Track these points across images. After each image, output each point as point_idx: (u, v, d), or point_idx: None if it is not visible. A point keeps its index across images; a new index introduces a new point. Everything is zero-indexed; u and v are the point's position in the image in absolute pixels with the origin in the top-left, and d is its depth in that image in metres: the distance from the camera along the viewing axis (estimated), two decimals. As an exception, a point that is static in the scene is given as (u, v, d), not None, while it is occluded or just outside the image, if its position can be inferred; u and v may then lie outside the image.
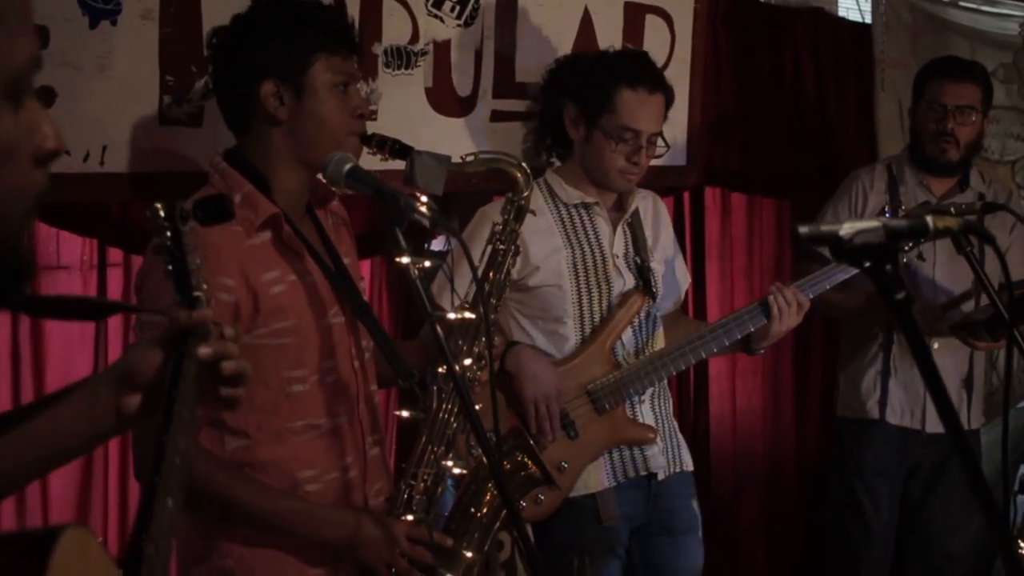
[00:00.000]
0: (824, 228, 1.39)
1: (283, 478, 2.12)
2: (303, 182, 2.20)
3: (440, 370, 2.22)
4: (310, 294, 2.16)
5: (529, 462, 2.56)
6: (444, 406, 2.23)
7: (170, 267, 1.52)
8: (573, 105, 2.86)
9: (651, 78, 2.82)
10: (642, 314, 2.92)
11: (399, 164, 2.25)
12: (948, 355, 3.49)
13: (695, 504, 3.04)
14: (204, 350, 1.47)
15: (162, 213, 1.52)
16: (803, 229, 1.39)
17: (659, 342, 2.97)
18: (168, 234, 1.52)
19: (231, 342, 1.52)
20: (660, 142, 2.85)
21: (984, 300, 3.46)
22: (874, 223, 1.39)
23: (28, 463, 1.44)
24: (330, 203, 2.32)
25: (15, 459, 1.42)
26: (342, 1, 2.67)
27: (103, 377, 1.48)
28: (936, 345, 3.49)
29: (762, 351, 3.01)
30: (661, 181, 3.49)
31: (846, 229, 1.38)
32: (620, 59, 2.91)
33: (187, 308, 1.49)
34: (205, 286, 1.53)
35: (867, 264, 1.39)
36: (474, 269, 2.10)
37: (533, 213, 2.43)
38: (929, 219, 1.41)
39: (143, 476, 1.89)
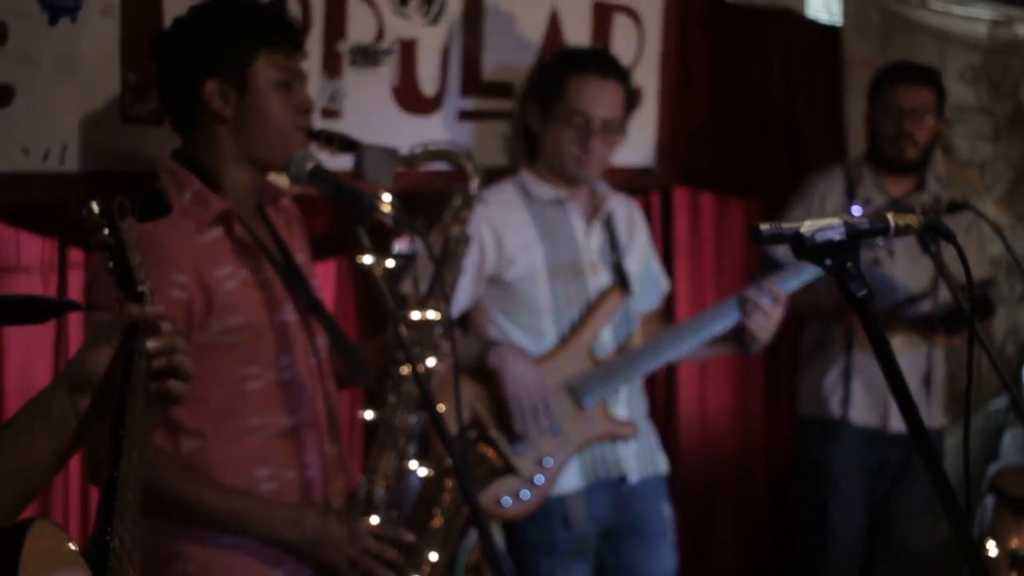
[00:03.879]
0: (785, 226, 1.39)
1: (239, 477, 2.11)
2: (252, 180, 2.20)
3: (403, 371, 2.21)
4: (263, 291, 2.16)
5: (491, 452, 2.55)
6: (402, 403, 2.23)
7: (111, 264, 1.52)
8: (532, 100, 2.92)
9: (601, 65, 2.87)
10: (620, 312, 2.93)
11: (348, 161, 2.25)
12: (907, 354, 3.51)
13: (666, 507, 3.05)
14: (153, 343, 1.46)
15: (98, 210, 1.50)
16: (764, 227, 1.38)
17: (638, 340, 3.01)
18: (106, 231, 1.51)
19: (178, 336, 1.51)
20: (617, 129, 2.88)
21: (943, 298, 3.49)
22: (835, 220, 1.38)
23: (10, 497, 1.42)
24: (280, 200, 2.31)
25: None
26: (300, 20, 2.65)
27: (55, 386, 1.47)
28: (896, 344, 3.49)
29: (756, 351, 2.99)
30: (631, 181, 3.49)
31: (807, 227, 1.38)
32: (573, 51, 3.01)
33: (135, 303, 1.48)
34: (148, 281, 1.53)
35: (828, 262, 1.38)
36: (437, 268, 2.10)
37: (483, 201, 2.47)
38: (890, 217, 1.41)
39: (97, 475, 1.87)
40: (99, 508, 1.32)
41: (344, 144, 2.22)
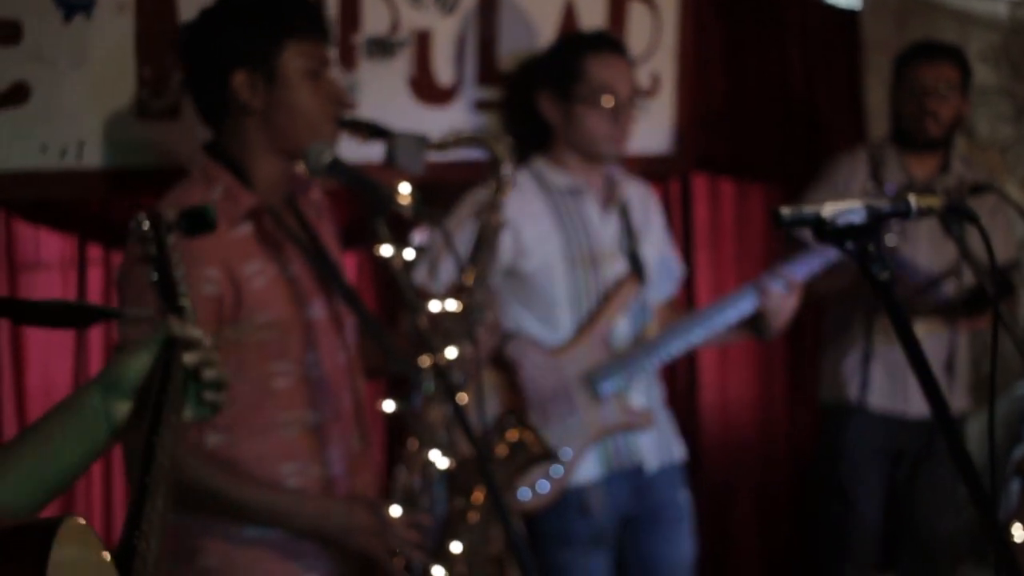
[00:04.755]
0: (806, 210, 1.38)
1: (264, 473, 2.12)
2: (282, 171, 2.20)
3: (425, 363, 2.21)
4: (292, 287, 2.15)
5: (530, 438, 2.56)
6: (433, 399, 2.23)
7: (155, 277, 1.55)
8: (546, 90, 2.89)
9: (612, 43, 2.92)
10: (636, 301, 2.93)
11: (377, 151, 2.25)
12: (930, 339, 3.48)
13: (684, 494, 3.05)
14: (190, 357, 1.48)
15: (146, 225, 1.53)
16: (785, 211, 1.38)
17: (654, 329, 3.00)
18: (154, 246, 1.55)
19: (213, 350, 1.54)
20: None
21: (967, 280, 3.47)
22: (856, 204, 1.37)
23: (34, 491, 1.44)
24: (311, 192, 2.31)
25: (22, 488, 1.42)
26: None
27: (90, 387, 1.49)
28: (918, 330, 3.47)
29: (771, 337, 3.00)
30: (649, 168, 3.48)
31: (828, 210, 1.37)
32: (580, 35, 3.04)
33: (178, 317, 1.52)
34: (188, 296, 1.56)
35: (849, 245, 1.37)
36: (458, 257, 2.09)
37: (517, 186, 2.47)
38: (912, 199, 1.39)
39: (133, 477, 1.89)
40: (128, 511, 1.33)
41: (374, 132, 2.21)
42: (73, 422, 1.46)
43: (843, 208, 1.37)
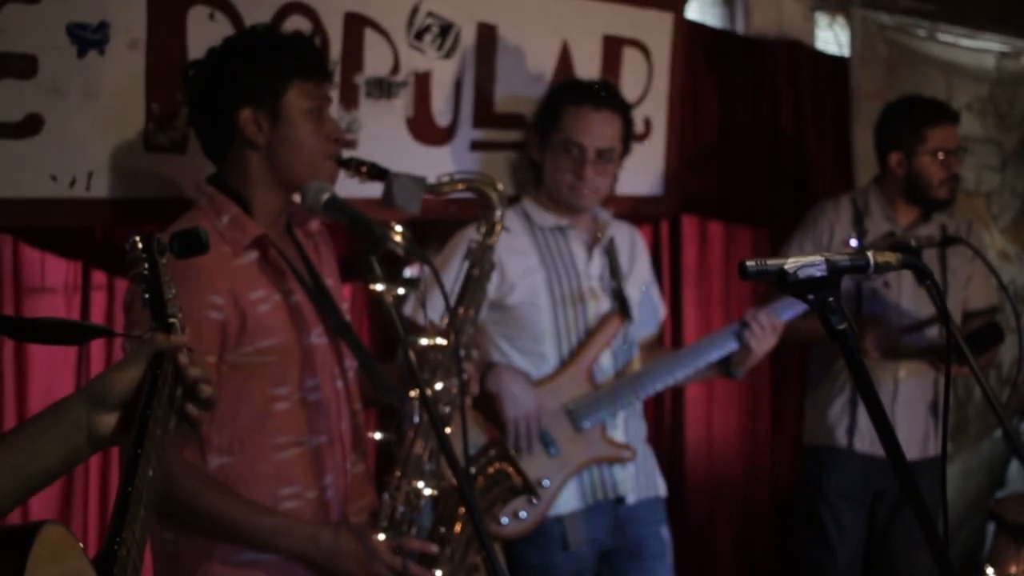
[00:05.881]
0: (770, 263, 1.46)
1: (264, 494, 2.18)
2: (282, 203, 2.29)
3: (412, 394, 2.27)
4: (294, 314, 2.23)
5: (511, 471, 2.61)
6: (419, 430, 2.30)
7: (147, 296, 1.62)
8: (533, 134, 3.01)
9: (596, 96, 2.92)
10: (619, 337, 2.99)
11: (377, 188, 2.32)
12: (915, 382, 3.56)
13: (665, 530, 3.09)
14: (194, 371, 1.55)
15: (140, 245, 1.61)
16: (750, 264, 1.46)
17: (636, 366, 3.06)
18: (146, 265, 1.61)
19: (205, 366, 1.60)
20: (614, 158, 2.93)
21: (954, 319, 3.54)
22: (817, 258, 1.46)
23: (10, 489, 1.49)
24: (310, 224, 2.39)
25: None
26: (316, 30, 2.74)
27: (75, 397, 1.55)
28: (903, 372, 3.56)
29: (741, 375, 3.08)
30: (639, 209, 3.57)
31: (790, 264, 1.45)
32: (569, 83, 3.06)
33: (164, 333, 1.57)
34: (180, 314, 1.62)
35: (810, 297, 1.46)
36: (446, 296, 2.16)
37: (507, 229, 2.51)
38: (870, 255, 1.48)
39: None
40: (112, 518, 1.40)
41: (374, 172, 2.29)
42: (54, 430, 1.51)
43: (804, 262, 1.45)
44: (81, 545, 1.35)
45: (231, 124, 2.22)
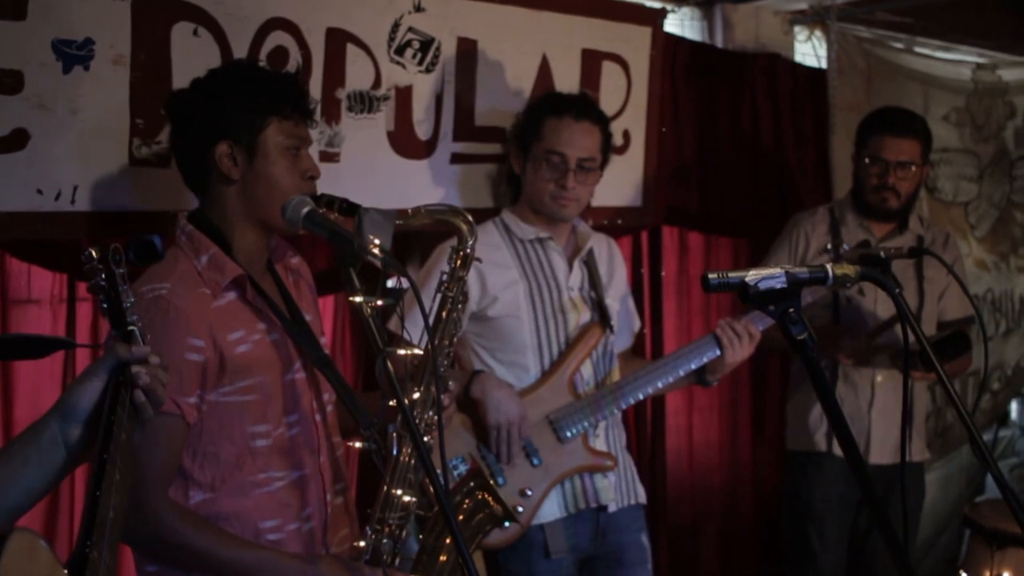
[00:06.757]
0: (731, 275, 1.51)
1: (245, 529, 2.20)
2: (260, 240, 2.29)
3: (391, 403, 2.30)
4: (273, 351, 2.24)
5: (491, 500, 2.64)
6: (404, 449, 2.31)
7: (105, 305, 1.66)
8: (513, 143, 3.05)
9: (577, 107, 2.98)
10: (600, 347, 3.04)
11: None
12: (892, 387, 3.61)
13: (645, 537, 3.13)
14: (144, 379, 1.61)
15: (96, 256, 1.65)
16: (712, 276, 1.51)
17: (616, 375, 3.10)
18: (103, 275, 1.65)
19: (162, 369, 1.67)
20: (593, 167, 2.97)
21: (929, 328, 3.59)
22: (777, 271, 1.51)
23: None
24: (290, 259, 2.41)
25: None
26: (300, 68, 2.76)
27: (48, 416, 1.60)
28: (879, 378, 3.61)
29: (716, 383, 3.13)
30: (619, 220, 3.62)
31: (751, 276, 1.51)
32: (551, 95, 3.10)
33: (123, 342, 1.62)
34: (137, 320, 1.67)
35: (771, 308, 1.51)
36: (424, 313, 2.16)
37: (479, 260, 2.54)
38: (829, 268, 1.53)
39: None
40: (81, 522, 1.45)
41: (345, 208, 2.28)
42: (33, 450, 1.56)
43: (765, 275, 1.50)
44: (49, 549, 1.38)
45: (207, 157, 2.23)
